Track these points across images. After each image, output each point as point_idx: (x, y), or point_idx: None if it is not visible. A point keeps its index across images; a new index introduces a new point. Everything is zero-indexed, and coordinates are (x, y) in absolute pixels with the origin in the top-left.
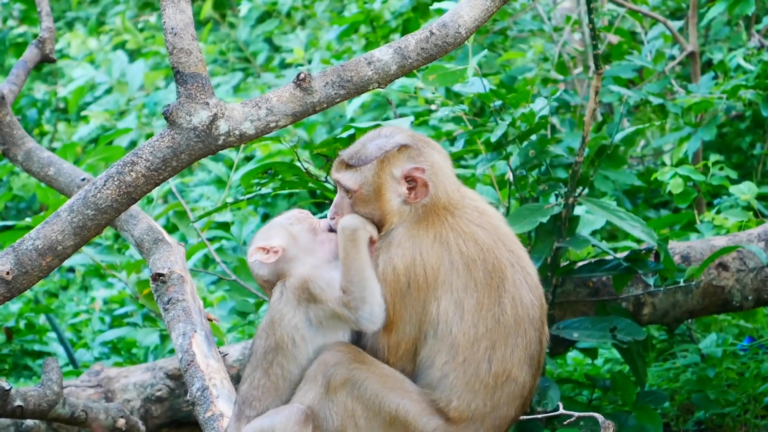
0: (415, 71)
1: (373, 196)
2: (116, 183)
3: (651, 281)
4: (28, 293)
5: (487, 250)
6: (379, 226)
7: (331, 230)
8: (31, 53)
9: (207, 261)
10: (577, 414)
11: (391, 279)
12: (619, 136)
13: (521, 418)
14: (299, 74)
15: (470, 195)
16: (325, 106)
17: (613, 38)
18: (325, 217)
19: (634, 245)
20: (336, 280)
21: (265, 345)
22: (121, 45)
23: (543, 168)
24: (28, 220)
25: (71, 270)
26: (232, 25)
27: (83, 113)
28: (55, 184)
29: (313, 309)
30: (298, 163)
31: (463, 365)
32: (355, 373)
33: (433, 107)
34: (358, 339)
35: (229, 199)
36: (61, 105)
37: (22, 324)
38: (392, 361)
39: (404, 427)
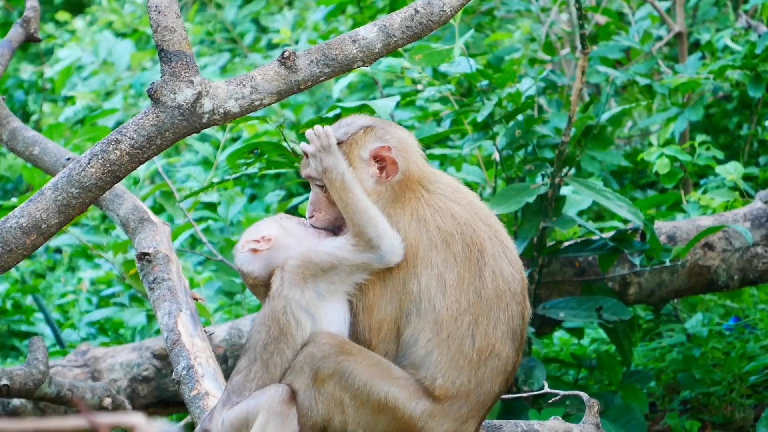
0: (402, 51)
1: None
2: (100, 161)
3: (637, 261)
4: (15, 273)
5: (464, 224)
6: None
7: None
8: (15, 32)
9: (194, 241)
10: (562, 393)
11: None
12: (605, 116)
13: (507, 396)
14: (283, 52)
15: (441, 173)
16: (309, 84)
17: (601, 18)
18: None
19: (621, 225)
20: (339, 243)
21: (266, 337)
22: (108, 25)
23: (529, 148)
24: (14, 200)
25: (58, 251)
26: (218, 6)
27: (70, 93)
28: (40, 163)
29: (322, 282)
30: (284, 143)
31: (447, 341)
32: (342, 364)
33: (419, 87)
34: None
35: (216, 180)
36: (48, 86)
37: (8, 305)
38: (375, 343)
39: (393, 413)
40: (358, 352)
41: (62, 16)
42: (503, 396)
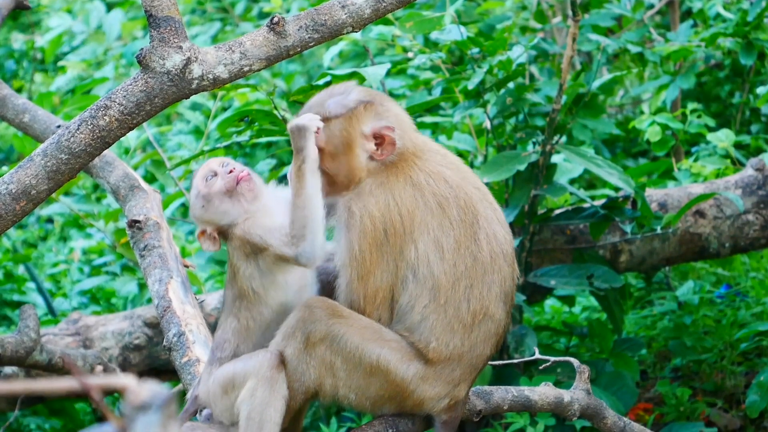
0: (393, 19)
1: (341, 153)
2: (90, 127)
3: (628, 229)
4: (7, 243)
5: (457, 187)
6: (346, 182)
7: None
8: (4, 0)
9: (185, 210)
10: (552, 359)
11: (369, 228)
12: (596, 84)
13: (498, 363)
14: (272, 17)
15: (428, 140)
16: (299, 49)
17: None
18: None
19: (612, 193)
20: (274, 226)
21: (232, 294)
22: None
23: (521, 116)
24: (5, 168)
25: (50, 220)
26: None
27: (60, 63)
28: (30, 131)
29: (261, 258)
30: (275, 112)
31: (444, 306)
32: (334, 327)
33: (410, 55)
34: (330, 290)
35: (207, 148)
36: (39, 56)
37: (0, 274)
38: (369, 311)
39: (385, 375)
40: (349, 315)
41: None
42: (494, 363)
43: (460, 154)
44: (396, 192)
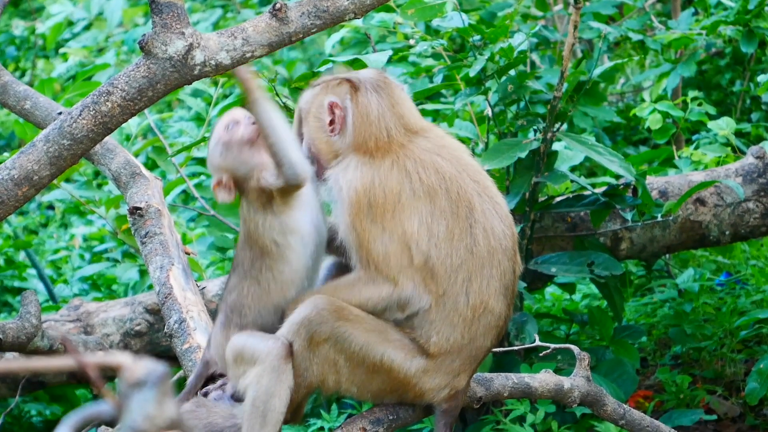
0: (394, 6)
1: (309, 119)
2: (92, 113)
3: (629, 216)
4: (7, 229)
5: (449, 179)
6: (319, 156)
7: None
8: None
9: (186, 197)
10: (553, 346)
11: (354, 199)
12: (597, 72)
13: (498, 350)
14: (275, 4)
15: (431, 128)
16: (301, 36)
17: None
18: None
19: (613, 181)
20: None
21: (251, 255)
22: None
23: (522, 104)
24: (6, 155)
25: (51, 207)
26: None
27: (62, 50)
28: (31, 117)
29: (275, 204)
30: (276, 99)
31: (443, 298)
32: (339, 329)
33: (411, 42)
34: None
35: (208, 135)
36: (40, 42)
37: (1, 260)
38: (391, 275)
39: (388, 373)
40: (355, 318)
41: None
42: (495, 350)
43: (461, 141)
44: (382, 173)
